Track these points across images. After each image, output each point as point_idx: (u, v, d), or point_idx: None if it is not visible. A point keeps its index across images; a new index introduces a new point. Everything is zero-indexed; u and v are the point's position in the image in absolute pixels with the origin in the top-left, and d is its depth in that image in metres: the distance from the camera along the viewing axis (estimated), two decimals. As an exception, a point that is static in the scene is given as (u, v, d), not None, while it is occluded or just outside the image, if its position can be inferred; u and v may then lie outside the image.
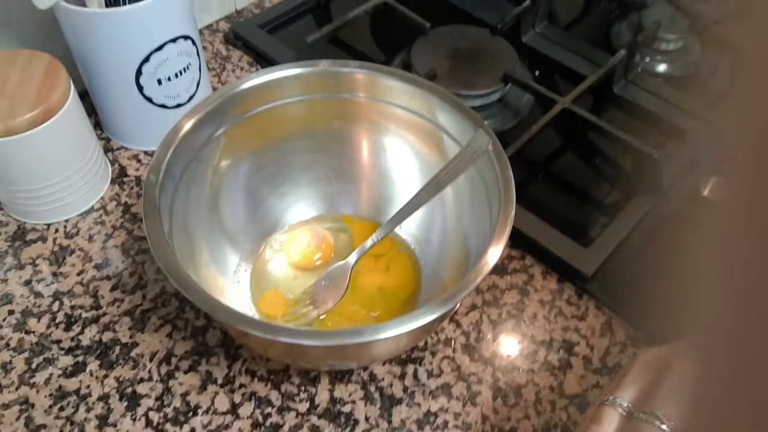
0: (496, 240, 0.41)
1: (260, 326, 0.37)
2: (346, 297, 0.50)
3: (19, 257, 0.55)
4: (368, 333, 0.36)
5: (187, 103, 0.61)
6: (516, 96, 0.69)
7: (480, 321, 0.52)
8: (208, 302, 0.37)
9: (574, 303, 0.53)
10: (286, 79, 0.50)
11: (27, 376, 0.48)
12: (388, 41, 0.77)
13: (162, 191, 0.43)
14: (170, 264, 0.39)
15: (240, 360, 0.49)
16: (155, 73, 0.57)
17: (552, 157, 0.65)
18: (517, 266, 0.56)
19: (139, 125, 0.62)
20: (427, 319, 0.37)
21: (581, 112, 0.62)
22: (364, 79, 0.51)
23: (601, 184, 0.63)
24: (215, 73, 0.71)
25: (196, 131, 0.46)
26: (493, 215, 0.44)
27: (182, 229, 0.45)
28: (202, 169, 0.48)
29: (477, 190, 0.48)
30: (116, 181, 0.61)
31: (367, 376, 0.49)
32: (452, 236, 0.52)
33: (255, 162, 0.52)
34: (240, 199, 0.52)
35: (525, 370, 0.49)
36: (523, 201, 0.55)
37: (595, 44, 0.74)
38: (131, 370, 0.49)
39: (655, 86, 0.69)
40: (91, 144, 0.57)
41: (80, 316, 0.51)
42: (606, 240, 0.56)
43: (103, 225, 0.57)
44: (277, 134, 0.52)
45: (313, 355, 0.43)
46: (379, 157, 0.55)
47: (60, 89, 0.52)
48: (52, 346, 0.50)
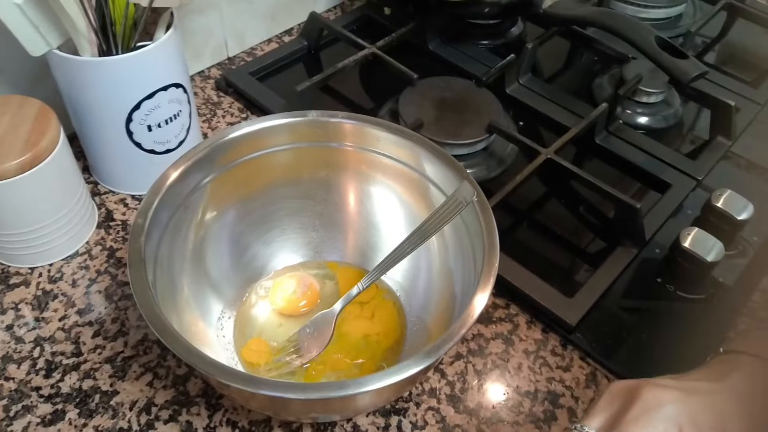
0: (480, 290, 0.41)
1: (241, 378, 0.37)
2: (331, 345, 0.49)
3: (2, 301, 0.54)
4: (351, 386, 0.36)
5: (176, 149, 0.62)
6: (501, 146, 0.70)
7: (465, 371, 0.52)
8: (188, 353, 0.37)
9: (559, 353, 0.53)
10: (274, 128, 0.51)
11: (4, 424, 0.47)
12: (377, 90, 0.78)
13: (148, 238, 0.43)
14: (152, 313, 0.39)
15: (221, 410, 0.49)
16: (145, 119, 0.57)
17: (536, 206, 0.66)
18: (501, 315, 0.56)
19: (128, 170, 0.62)
20: (411, 371, 0.37)
21: (564, 163, 0.63)
22: (351, 129, 0.52)
23: (584, 233, 0.64)
24: (205, 119, 0.72)
25: (183, 179, 0.46)
26: (477, 264, 0.44)
27: (166, 276, 0.45)
28: (189, 216, 0.48)
29: (462, 239, 0.48)
30: (102, 225, 0.61)
31: (350, 428, 0.48)
32: (437, 284, 0.52)
33: (241, 209, 0.53)
34: (225, 245, 0.53)
35: (510, 422, 0.49)
36: (508, 249, 0.56)
37: (577, 96, 0.76)
38: (111, 419, 0.48)
39: (636, 138, 0.71)
40: (78, 188, 0.57)
41: (61, 362, 0.51)
42: (590, 290, 0.56)
43: (88, 270, 0.57)
44: (264, 181, 0.53)
45: (295, 407, 0.42)
46: (365, 205, 0.55)
47: (50, 135, 0.52)
48: (32, 393, 0.49)
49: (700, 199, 0.64)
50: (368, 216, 0.56)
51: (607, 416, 0.36)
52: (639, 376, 0.51)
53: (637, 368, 0.52)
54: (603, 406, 0.36)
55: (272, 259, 0.56)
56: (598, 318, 0.55)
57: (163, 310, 0.40)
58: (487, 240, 0.44)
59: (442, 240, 0.51)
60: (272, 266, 0.56)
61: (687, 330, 0.55)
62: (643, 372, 0.51)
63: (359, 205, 0.56)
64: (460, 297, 0.47)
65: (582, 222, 0.66)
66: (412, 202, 0.53)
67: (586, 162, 0.71)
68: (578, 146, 0.71)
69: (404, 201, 0.54)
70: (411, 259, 0.49)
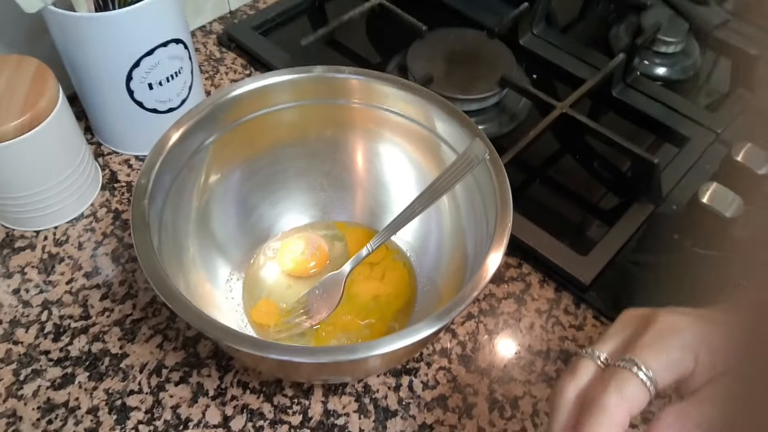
0: (493, 250, 0.40)
1: (250, 343, 0.36)
2: (341, 306, 0.49)
3: (8, 265, 0.54)
4: (362, 350, 0.35)
5: (179, 108, 0.60)
6: (513, 100, 0.68)
7: (476, 331, 0.51)
8: (196, 317, 0.37)
9: (572, 312, 0.53)
10: (278, 85, 0.49)
11: (15, 388, 0.47)
12: (384, 43, 0.76)
13: (151, 201, 0.42)
14: (158, 277, 0.38)
15: (232, 371, 0.48)
16: (146, 77, 0.56)
17: (550, 162, 0.64)
18: (514, 274, 0.55)
19: (130, 130, 0.61)
20: (422, 334, 0.36)
21: (580, 117, 0.61)
22: (358, 85, 0.50)
23: (599, 189, 0.63)
24: (208, 76, 0.70)
25: (185, 140, 0.45)
26: (489, 224, 0.43)
27: (172, 239, 0.44)
28: (193, 178, 0.47)
29: (473, 198, 0.47)
30: (107, 186, 0.60)
31: (361, 388, 0.48)
32: (448, 244, 0.51)
33: (247, 169, 0.51)
34: (231, 207, 0.51)
35: (522, 381, 0.49)
36: (521, 207, 0.54)
37: (593, 47, 0.73)
38: (121, 382, 0.48)
39: (654, 90, 0.69)
40: (80, 149, 0.56)
41: (69, 326, 0.50)
42: (604, 247, 0.55)
43: (93, 232, 0.56)
44: (270, 141, 0.51)
45: (306, 370, 0.42)
46: (374, 164, 0.54)
47: (48, 95, 0.51)
48: (41, 357, 0.49)
49: (719, 153, 0.62)
50: (377, 175, 0.54)
51: (618, 342, 0.34)
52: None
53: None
54: (615, 332, 0.34)
55: (279, 220, 0.55)
56: (612, 276, 0.54)
57: (170, 273, 0.39)
58: (500, 199, 0.43)
59: (453, 199, 0.50)
60: (279, 227, 0.55)
61: (704, 288, 0.54)
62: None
63: (367, 164, 0.54)
64: (472, 257, 0.46)
65: (597, 178, 0.64)
66: (422, 161, 0.52)
67: (602, 116, 0.68)
68: (594, 99, 0.68)
69: (414, 159, 0.52)
70: (421, 219, 0.48)
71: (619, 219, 0.57)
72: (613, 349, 0.33)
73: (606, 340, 0.34)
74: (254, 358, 0.40)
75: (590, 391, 0.32)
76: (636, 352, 0.32)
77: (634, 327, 0.34)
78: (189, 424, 0.46)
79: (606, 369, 0.32)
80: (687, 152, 0.63)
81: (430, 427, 0.46)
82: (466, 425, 0.46)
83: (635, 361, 0.31)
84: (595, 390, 0.31)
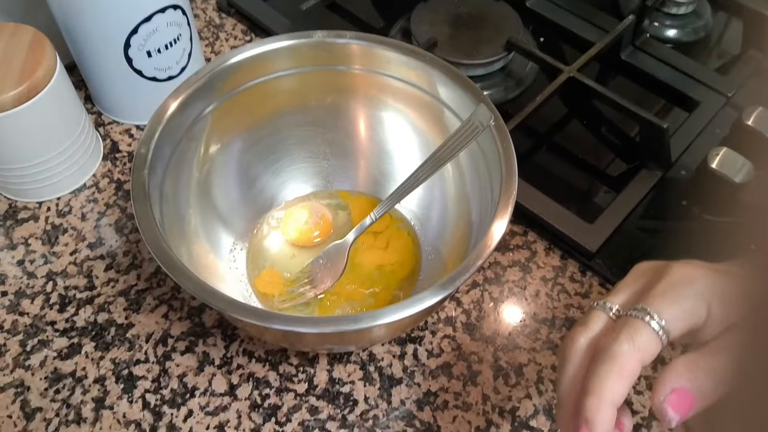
0: (498, 218, 0.40)
1: (254, 313, 0.36)
2: (345, 275, 0.48)
3: (11, 237, 0.54)
4: (365, 320, 0.35)
5: (179, 75, 0.59)
6: (520, 64, 0.67)
7: (481, 299, 0.51)
8: (200, 288, 0.36)
9: (578, 280, 0.52)
10: (277, 51, 0.48)
11: (22, 358, 0.47)
12: (387, 7, 0.74)
13: (151, 172, 0.41)
14: (160, 248, 0.38)
15: (237, 341, 0.49)
16: (144, 45, 0.55)
17: (556, 128, 0.63)
18: (519, 242, 0.54)
19: (130, 99, 0.60)
20: (426, 304, 0.36)
21: (587, 81, 0.60)
22: (360, 51, 0.49)
23: (607, 155, 0.62)
24: (208, 43, 0.69)
25: (184, 109, 0.44)
26: (494, 191, 0.42)
27: (173, 210, 0.44)
28: (193, 148, 0.47)
29: (478, 165, 0.46)
30: (108, 157, 0.59)
31: (366, 357, 0.48)
32: (453, 212, 0.51)
33: (247, 139, 0.51)
34: (233, 177, 0.51)
35: (526, 349, 0.49)
36: (526, 174, 0.53)
37: (602, 8, 0.71)
38: (127, 351, 0.48)
39: (664, 52, 0.67)
40: (80, 119, 0.55)
41: (74, 296, 0.51)
42: (611, 215, 0.54)
43: (96, 203, 0.56)
44: (270, 109, 0.51)
45: (310, 340, 0.42)
46: (376, 132, 0.53)
47: (46, 64, 0.50)
48: (47, 327, 0.49)
49: (729, 118, 0.61)
50: (380, 143, 0.53)
51: (631, 293, 0.33)
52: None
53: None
54: (627, 284, 0.33)
55: (282, 190, 0.54)
56: (619, 243, 0.53)
57: (172, 244, 0.39)
58: (505, 166, 0.42)
59: (458, 167, 0.49)
60: (282, 197, 0.54)
61: (712, 255, 0.54)
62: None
63: (370, 131, 0.53)
64: (476, 225, 0.46)
65: (605, 144, 0.63)
66: (426, 128, 0.51)
67: (611, 80, 0.67)
68: (602, 63, 0.67)
69: (417, 126, 0.51)
70: (425, 187, 0.48)
71: (626, 185, 0.56)
72: (626, 300, 0.33)
73: (618, 292, 0.33)
74: (258, 329, 0.40)
75: (601, 341, 0.31)
76: (648, 302, 0.31)
77: (647, 279, 0.33)
78: (195, 393, 0.46)
79: (618, 319, 0.32)
80: (697, 116, 0.62)
81: (435, 395, 0.46)
82: (470, 392, 0.47)
83: (647, 310, 0.30)
84: (606, 339, 0.31)
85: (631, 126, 0.62)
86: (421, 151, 0.51)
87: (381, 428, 0.45)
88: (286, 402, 0.46)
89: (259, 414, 0.45)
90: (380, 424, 0.45)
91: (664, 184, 0.57)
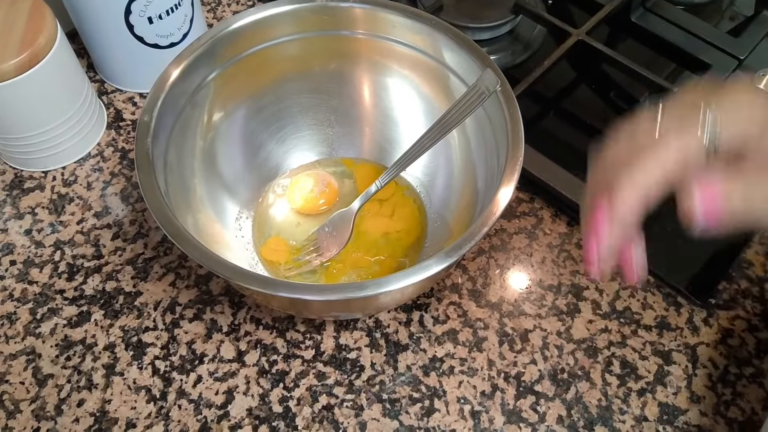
0: (503, 185, 0.39)
1: (260, 281, 0.36)
2: (350, 243, 0.49)
3: (18, 206, 0.54)
4: (371, 287, 0.35)
5: (181, 42, 0.59)
6: (527, 28, 0.65)
7: (487, 266, 0.51)
8: (206, 257, 0.36)
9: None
10: (280, 16, 0.47)
11: (32, 326, 0.48)
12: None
13: (155, 140, 0.41)
14: (165, 217, 0.38)
15: (244, 308, 0.49)
16: (145, 11, 0.54)
17: (564, 93, 0.62)
18: (525, 209, 0.54)
19: (133, 66, 0.59)
20: (432, 271, 0.36)
21: (596, 45, 0.59)
22: (363, 15, 0.48)
23: (615, 120, 0.61)
24: (210, 8, 0.68)
25: (186, 77, 0.44)
26: (501, 158, 0.42)
27: (178, 179, 0.44)
28: (196, 116, 0.46)
29: (484, 131, 0.46)
30: (112, 125, 0.59)
31: (372, 323, 0.48)
32: (459, 179, 0.50)
33: (252, 106, 0.50)
34: (237, 146, 0.51)
35: (532, 315, 0.49)
36: (533, 140, 0.52)
37: (612, -31, 0.70)
38: (136, 319, 0.48)
39: (675, 14, 0.65)
40: (83, 88, 0.55)
41: (82, 265, 0.51)
42: (618, 181, 0.54)
43: (101, 172, 0.56)
44: (273, 76, 0.50)
45: (316, 307, 0.42)
46: (381, 98, 0.52)
47: (46, 32, 0.49)
48: (56, 296, 0.49)
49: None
50: (385, 109, 0.53)
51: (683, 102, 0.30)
52: (668, 268, 0.50)
53: (667, 259, 0.50)
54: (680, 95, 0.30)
55: (287, 158, 0.54)
56: (626, 210, 0.53)
57: (177, 214, 0.39)
58: (512, 132, 0.42)
59: (464, 133, 0.48)
60: (287, 165, 0.54)
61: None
62: (673, 263, 0.50)
63: (375, 98, 0.53)
64: (482, 192, 0.45)
65: (614, 109, 0.62)
66: (431, 94, 0.50)
67: (620, 43, 0.66)
68: (612, 26, 0.65)
69: (423, 92, 0.50)
70: (431, 154, 0.47)
71: (634, 151, 0.55)
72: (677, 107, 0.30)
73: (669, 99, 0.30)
74: (265, 296, 0.41)
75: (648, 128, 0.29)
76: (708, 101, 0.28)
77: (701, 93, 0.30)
78: (204, 359, 0.47)
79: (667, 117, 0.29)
80: (708, 80, 0.61)
81: (441, 360, 0.47)
82: (476, 358, 0.47)
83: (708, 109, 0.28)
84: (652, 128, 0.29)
85: (640, 90, 0.61)
86: (427, 117, 0.50)
87: (387, 393, 0.45)
88: (294, 368, 0.46)
89: (267, 380, 0.46)
90: (386, 389, 0.46)
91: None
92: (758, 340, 0.48)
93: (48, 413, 0.44)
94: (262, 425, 0.44)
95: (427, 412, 0.45)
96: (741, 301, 0.50)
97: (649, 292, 0.50)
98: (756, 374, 0.47)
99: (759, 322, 0.49)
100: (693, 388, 0.46)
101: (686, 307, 0.49)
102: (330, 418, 0.44)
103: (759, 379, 0.47)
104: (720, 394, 0.46)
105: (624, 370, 0.47)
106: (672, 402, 0.45)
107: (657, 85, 0.55)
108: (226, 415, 0.44)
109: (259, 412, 0.45)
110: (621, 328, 0.48)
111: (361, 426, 0.44)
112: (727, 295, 0.50)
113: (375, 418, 0.45)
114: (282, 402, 0.45)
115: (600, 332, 0.48)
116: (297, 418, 0.44)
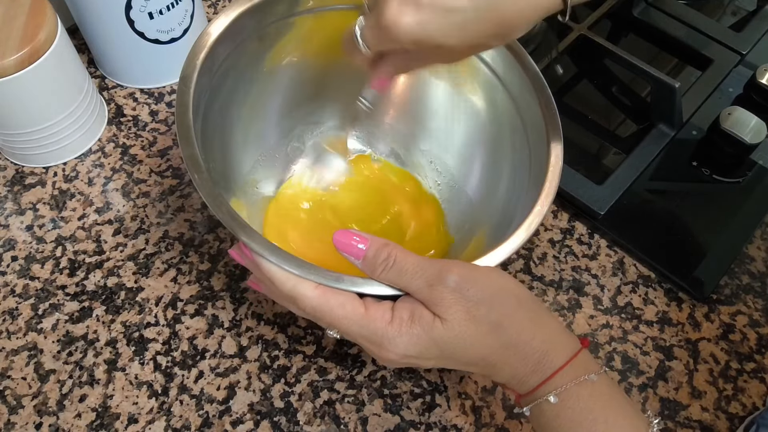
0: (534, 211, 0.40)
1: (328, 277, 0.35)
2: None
3: (19, 202, 0.54)
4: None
5: (181, 37, 0.58)
6: (528, 22, 0.65)
7: (488, 261, 0.51)
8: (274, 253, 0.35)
9: (586, 242, 0.52)
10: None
11: (34, 322, 0.48)
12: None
13: (195, 117, 0.39)
14: (216, 200, 0.35)
15: (246, 304, 0.49)
16: (146, 6, 0.54)
17: (566, 88, 0.62)
18: (527, 204, 0.54)
19: (134, 62, 0.59)
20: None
21: (598, 39, 0.59)
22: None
23: (617, 115, 0.61)
24: (210, 3, 0.67)
25: (226, 37, 0.41)
26: (533, 172, 0.42)
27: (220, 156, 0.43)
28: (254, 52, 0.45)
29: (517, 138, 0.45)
30: (113, 121, 0.59)
31: (373, 319, 0.48)
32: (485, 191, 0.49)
33: (294, 77, 0.49)
34: (275, 107, 0.50)
35: (534, 310, 0.49)
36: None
37: (614, -37, 0.69)
38: (137, 314, 0.49)
39: (676, 9, 0.65)
40: (84, 84, 0.55)
41: (84, 261, 0.51)
42: (621, 176, 0.54)
43: (102, 167, 0.56)
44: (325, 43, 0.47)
45: None
46: (414, 89, 0.51)
47: (47, 28, 0.49)
48: (57, 291, 0.49)
49: (743, 76, 0.60)
50: (416, 101, 0.51)
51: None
52: (669, 264, 0.50)
53: (667, 255, 0.50)
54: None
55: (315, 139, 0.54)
56: (628, 204, 0.53)
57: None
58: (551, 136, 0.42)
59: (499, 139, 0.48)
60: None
61: (721, 215, 0.53)
62: (674, 259, 0.50)
63: (410, 91, 0.51)
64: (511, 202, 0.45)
65: (615, 104, 0.62)
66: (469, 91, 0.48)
67: (622, 38, 0.66)
68: (613, 20, 0.65)
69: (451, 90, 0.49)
70: (461, 160, 0.47)
71: (636, 146, 0.56)
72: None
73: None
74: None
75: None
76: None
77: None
78: (206, 354, 0.47)
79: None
80: (710, 75, 0.61)
81: (442, 356, 0.47)
82: (477, 354, 0.47)
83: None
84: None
85: (642, 85, 0.61)
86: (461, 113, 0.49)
87: (388, 388, 0.46)
88: (295, 363, 0.47)
89: (268, 375, 0.46)
90: (388, 384, 0.46)
91: (674, 145, 0.56)
92: (759, 336, 0.48)
93: (50, 408, 0.44)
94: (264, 420, 0.44)
95: (428, 408, 0.45)
96: (742, 297, 0.50)
97: (650, 288, 0.50)
98: (757, 369, 0.47)
99: (760, 318, 0.49)
100: (694, 384, 0.46)
101: (687, 302, 0.49)
102: (331, 413, 0.45)
103: (760, 375, 0.47)
104: (721, 389, 0.46)
105: (625, 366, 0.47)
106: (673, 397, 0.45)
107: (658, 80, 0.55)
108: (228, 410, 0.45)
109: (260, 408, 0.45)
110: (622, 324, 0.48)
111: (363, 421, 0.44)
112: (728, 290, 0.50)
113: (376, 414, 0.45)
114: (283, 397, 0.45)
115: (601, 327, 0.48)
116: (298, 414, 0.44)
